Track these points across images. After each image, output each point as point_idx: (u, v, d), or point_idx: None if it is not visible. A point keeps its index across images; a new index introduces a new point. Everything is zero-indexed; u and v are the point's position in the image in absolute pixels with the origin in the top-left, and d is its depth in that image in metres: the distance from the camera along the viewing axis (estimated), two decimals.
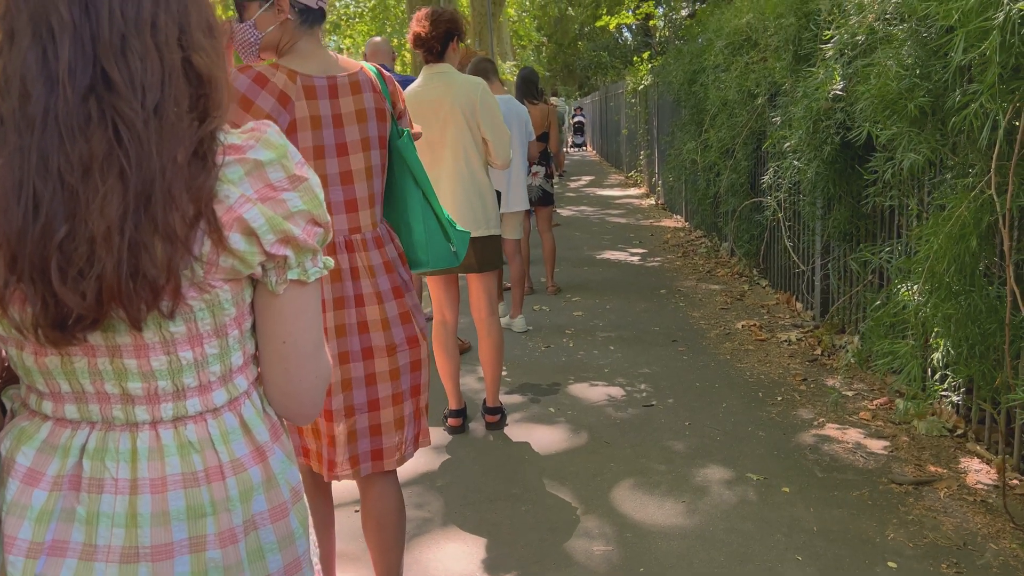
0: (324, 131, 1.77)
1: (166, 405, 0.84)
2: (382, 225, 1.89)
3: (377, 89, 1.83)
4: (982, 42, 2.45)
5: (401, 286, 1.86)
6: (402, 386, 1.88)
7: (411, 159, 1.87)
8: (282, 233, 0.82)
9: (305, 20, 1.75)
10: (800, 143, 3.93)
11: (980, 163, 2.66)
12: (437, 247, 1.93)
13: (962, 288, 2.75)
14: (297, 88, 1.73)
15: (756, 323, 4.91)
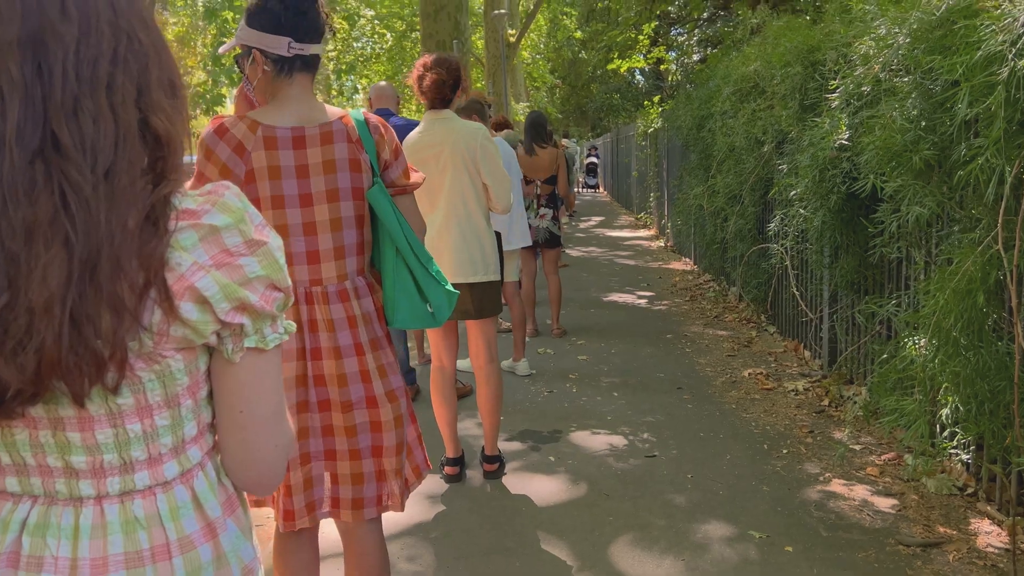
0: (285, 181, 1.75)
1: (112, 479, 0.80)
2: (360, 278, 1.85)
3: (354, 139, 1.80)
4: (987, 97, 2.43)
5: (365, 343, 1.81)
6: (359, 444, 1.84)
7: (382, 211, 1.81)
8: (237, 301, 0.78)
9: (281, 70, 1.75)
10: (806, 191, 3.90)
11: (987, 218, 2.62)
12: (407, 306, 1.86)
13: (970, 344, 2.68)
14: (256, 138, 1.73)
15: (763, 371, 4.84)
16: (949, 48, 2.64)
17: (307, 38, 1.73)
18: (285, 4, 1.71)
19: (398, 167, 1.90)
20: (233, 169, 1.74)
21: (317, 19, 1.73)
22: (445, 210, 3.18)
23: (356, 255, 1.85)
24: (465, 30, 13.48)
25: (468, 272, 3.20)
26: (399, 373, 1.92)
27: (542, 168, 5.77)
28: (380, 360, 1.85)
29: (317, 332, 1.79)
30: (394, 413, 1.87)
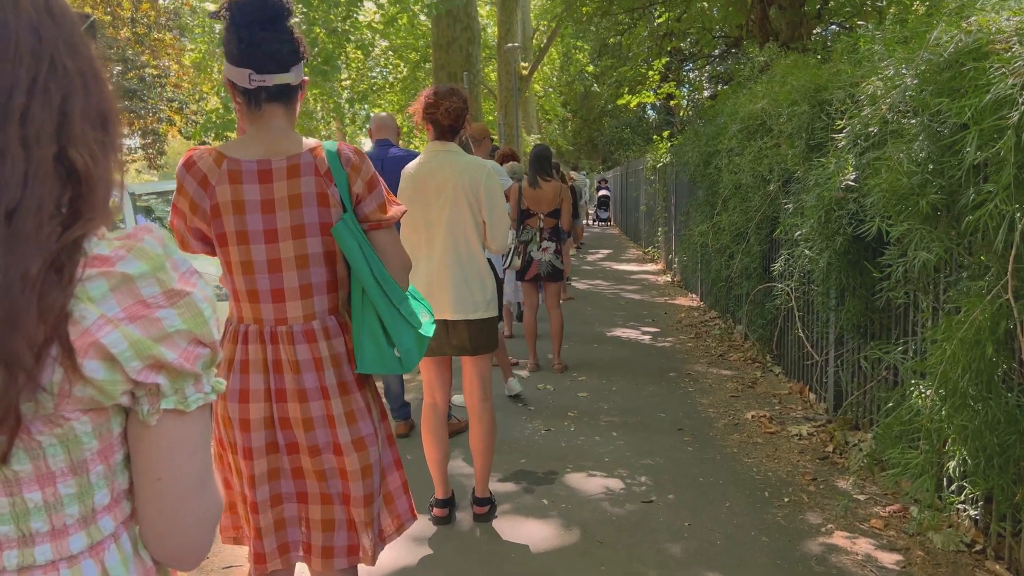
0: (249, 216, 1.69)
1: (9, 553, 0.72)
2: (331, 317, 1.77)
3: (322, 172, 1.73)
4: (997, 141, 2.36)
5: (332, 387, 1.73)
6: (330, 489, 1.75)
7: (346, 248, 1.73)
8: (151, 358, 0.71)
9: (249, 101, 1.71)
10: (812, 232, 3.82)
11: (996, 265, 2.53)
12: (372, 349, 1.76)
13: (979, 395, 2.58)
14: (221, 172, 1.68)
15: (766, 414, 4.72)
16: (958, 90, 2.58)
17: (268, 69, 1.68)
18: (239, 36, 1.66)
19: (372, 201, 1.81)
20: (199, 203, 1.70)
21: (279, 49, 1.67)
22: (446, 245, 3.12)
23: (327, 293, 1.77)
24: (476, 62, 13.58)
25: (469, 309, 3.13)
26: (372, 419, 1.82)
27: (546, 201, 5.72)
28: (349, 405, 1.77)
29: (282, 373, 1.72)
30: (361, 463, 1.77)
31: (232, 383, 1.73)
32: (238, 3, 1.65)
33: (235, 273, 1.73)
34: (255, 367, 1.72)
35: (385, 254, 1.83)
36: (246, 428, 1.72)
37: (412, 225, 3.15)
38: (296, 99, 1.77)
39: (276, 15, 1.66)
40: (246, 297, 1.74)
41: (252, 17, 1.65)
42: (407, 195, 3.15)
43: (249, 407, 1.72)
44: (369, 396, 1.85)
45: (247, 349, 1.73)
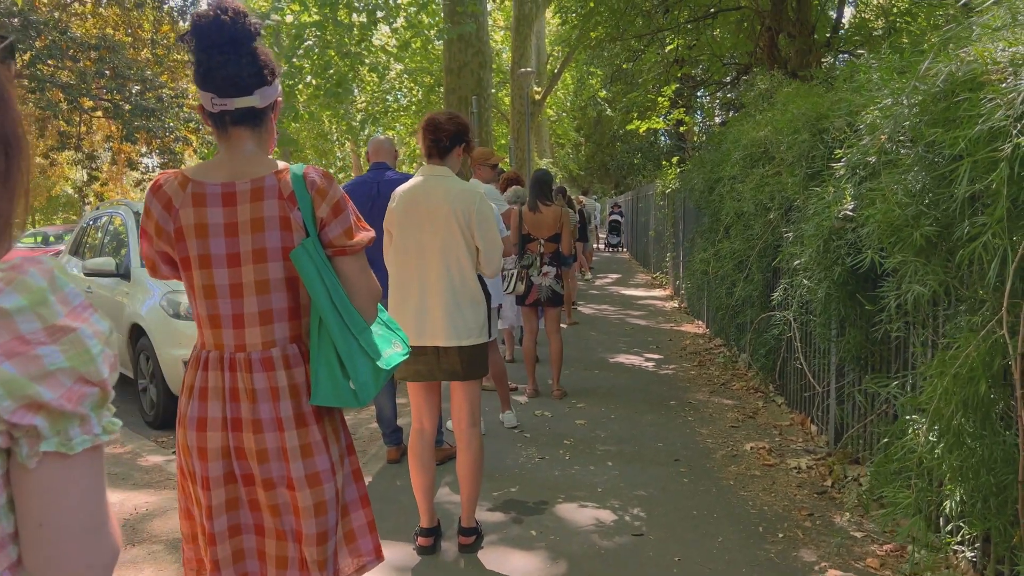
0: (212, 239, 1.67)
1: None
2: (292, 345, 1.73)
3: (285, 196, 1.69)
4: (990, 173, 2.31)
5: (288, 418, 1.68)
6: (284, 525, 1.70)
7: (304, 274, 1.68)
8: (26, 398, 0.67)
9: (216, 125, 1.70)
10: (810, 261, 3.77)
11: (991, 300, 2.47)
12: (327, 380, 1.70)
13: (976, 433, 2.51)
14: (185, 195, 1.67)
15: (766, 445, 4.63)
16: (952, 121, 2.53)
17: (229, 92, 1.66)
18: (199, 60, 1.65)
19: (338, 226, 1.75)
20: (164, 226, 1.68)
21: (239, 73, 1.65)
22: (438, 270, 3.09)
23: (288, 320, 1.73)
24: (487, 86, 13.64)
25: (462, 335, 3.09)
26: (329, 453, 1.76)
27: (546, 226, 5.69)
28: (305, 438, 1.71)
29: (239, 402, 1.68)
30: (315, 499, 1.70)
31: (191, 411, 1.70)
32: (199, 27, 1.63)
33: (198, 297, 1.71)
34: (214, 395, 1.69)
35: (349, 282, 1.77)
36: (204, 457, 1.68)
37: (402, 248, 3.12)
38: (265, 122, 1.74)
39: (236, 38, 1.64)
40: (208, 322, 1.70)
41: (211, 41, 1.63)
42: (396, 217, 3.13)
43: (207, 435, 1.68)
44: (328, 429, 1.78)
45: (207, 376, 1.69)
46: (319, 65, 12.26)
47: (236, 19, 1.66)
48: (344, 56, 12.64)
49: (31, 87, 20.71)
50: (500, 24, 30.11)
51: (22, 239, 6.19)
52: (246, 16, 1.68)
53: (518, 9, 21.01)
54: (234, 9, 1.66)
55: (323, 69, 12.29)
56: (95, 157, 25.60)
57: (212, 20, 1.64)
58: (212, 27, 1.64)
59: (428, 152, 3.22)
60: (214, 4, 1.66)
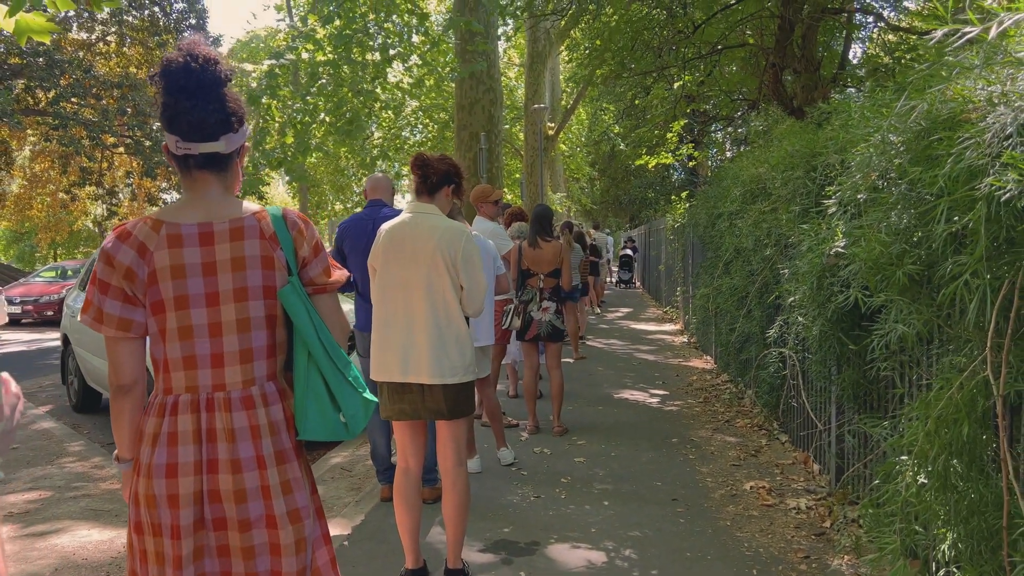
0: (190, 279, 1.67)
1: None
2: (270, 383, 1.74)
3: (267, 236, 1.73)
4: (969, 211, 2.28)
5: (269, 456, 1.68)
6: (258, 567, 1.68)
7: (294, 312, 1.72)
8: None
9: (180, 166, 1.72)
10: (804, 299, 3.73)
11: (976, 339, 2.43)
12: (317, 414, 1.73)
13: (966, 475, 2.45)
14: (159, 238, 1.67)
15: (766, 485, 4.55)
16: (932, 159, 2.52)
17: (194, 137, 1.69)
18: (166, 103, 1.68)
19: (318, 264, 1.82)
20: (137, 272, 1.68)
21: (205, 119, 1.68)
22: (424, 308, 3.09)
23: (266, 358, 1.75)
24: (498, 123, 13.79)
25: (446, 374, 3.08)
26: (306, 490, 1.78)
27: (546, 261, 5.70)
28: (285, 475, 1.72)
29: (215, 443, 1.67)
30: (296, 536, 1.71)
31: (158, 458, 1.67)
32: (168, 70, 1.67)
33: (169, 341, 1.69)
34: (184, 439, 1.67)
35: (328, 318, 1.84)
36: (175, 504, 1.66)
37: (387, 284, 3.14)
38: (230, 166, 1.77)
39: (205, 85, 1.68)
40: (180, 365, 1.69)
41: (179, 86, 1.66)
42: (381, 253, 3.15)
43: (178, 482, 1.66)
44: (303, 467, 1.80)
45: (175, 420, 1.68)
46: (333, 102, 12.45)
47: (206, 66, 1.69)
48: (358, 94, 12.84)
49: (54, 124, 21.22)
50: (515, 61, 30.53)
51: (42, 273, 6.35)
52: (216, 63, 1.71)
53: (532, 47, 21.32)
54: (204, 56, 1.70)
55: (337, 106, 12.48)
56: (115, 192, 26.08)
57: (182, 66, 1.68)
58: (181, 72, 1.67)
59: (417, 189, 3.25)
60: (185, 50, 1.70)
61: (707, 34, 10.43)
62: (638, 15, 10.82)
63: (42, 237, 33.54)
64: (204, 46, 1.70)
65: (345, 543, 3.77)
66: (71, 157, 22.80)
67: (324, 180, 33.47)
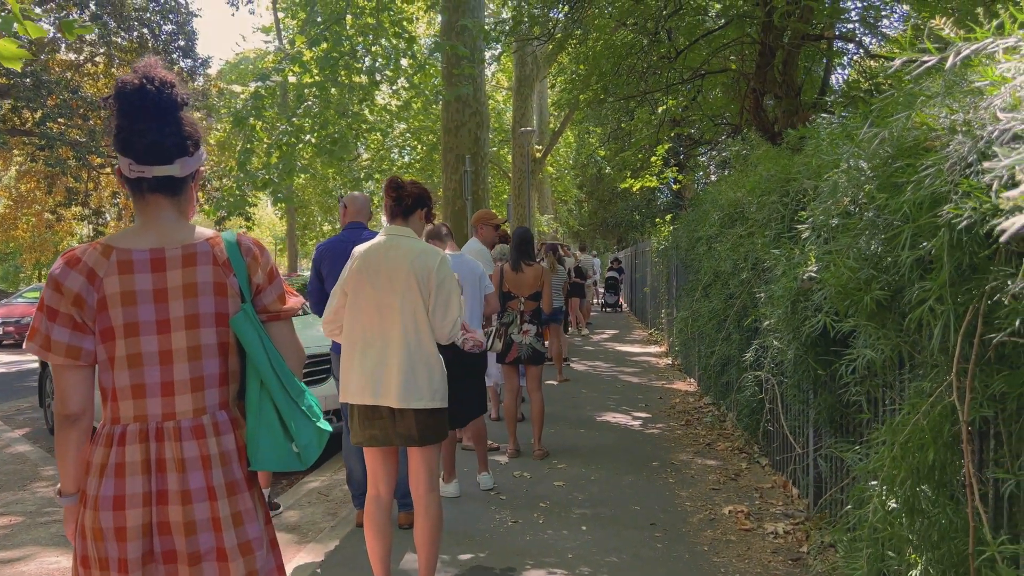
0: (141, 306, 1.65)
1: None
2: (222, 412, 1.72)
3: (220, 262, 1.71)
4: (933, 238, 2.31)
5: (219, 486, 1.66)
6: None
7: (246, 340, 1.70)
8: None
9: (133, 190, 1.71)
10: (779, 322, 3.75)
11: (941, 365, 2.44)
12: (269, 444, 1.70)
13: (937, 500, 2.45)
14: (109, 264, 1.65)
15: (745, 509, 4.54)
16: (898, 186, 2.54)
17: (148, 160, 1.68)
18: (121, 126, 1.67)
19: (272, 291, 1.80)
20: (86, 299, 1.65)
21: (161, 142, 1.67)
22: (395, 331, 3.08)
23: (218, 386, 1.73)
24: (484, 145, 13.85)
25: (413, 398, 3.06)
26: (259, 521, 1.75)
27: (526, 284, 5.70)
28: (236, 506, 1.69)
29: (165, 473, 1.64)
30: (247, 568, 1.68)
31: (105, 490, 1.63)
32: (123, 92, 1.66)
33: (118, 369, 1.67)
34: (132, 469, 1.64)
35: (282, 346, 1.82)
36: (122, 537, 1.62)
37: (361, 306, 3.13)
38: (185, 191, 1.76)
39: (161, 108, 1.67)
40: (129, 393, 1.67)
41: (134, 108, 1.65)
42: (354, 275, 3.14)
43: (126, 514, 1.62)
44: (256, 497, 1.78)
45: (123, 451, 1.65)
46: (318, 124, 12.49)
47: (162, 89, 1.69)
48: (343, 116, 12.89)
49: (41, 144, 21.15)
50: (504, 84, 30.75)
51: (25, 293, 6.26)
52: (173, 86, 1.71)
53: (519, 70, 21.52)
54: (160, 79, 1.69)
55: (321, 127, 12.52)
56: (102, 213, 25.96)
57: (137, 88, 1.67)
58: (136, 95, 1.67)
59: (391, 213, 3.26)
60: (140, 72, 1.69)
61: (690, 59, 10.55)
62: (622, 40, 10.94)
63: (27, 257, 33.32)
64: (160, 68, 1.70)
65: (318, 571, 3.73)
66: (57, 177, 22.73)
67: (312, 201, 33.46)
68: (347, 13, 12.88)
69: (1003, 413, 2.37)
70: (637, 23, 10.11)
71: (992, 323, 2.19)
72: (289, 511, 4.81)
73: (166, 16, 22.19)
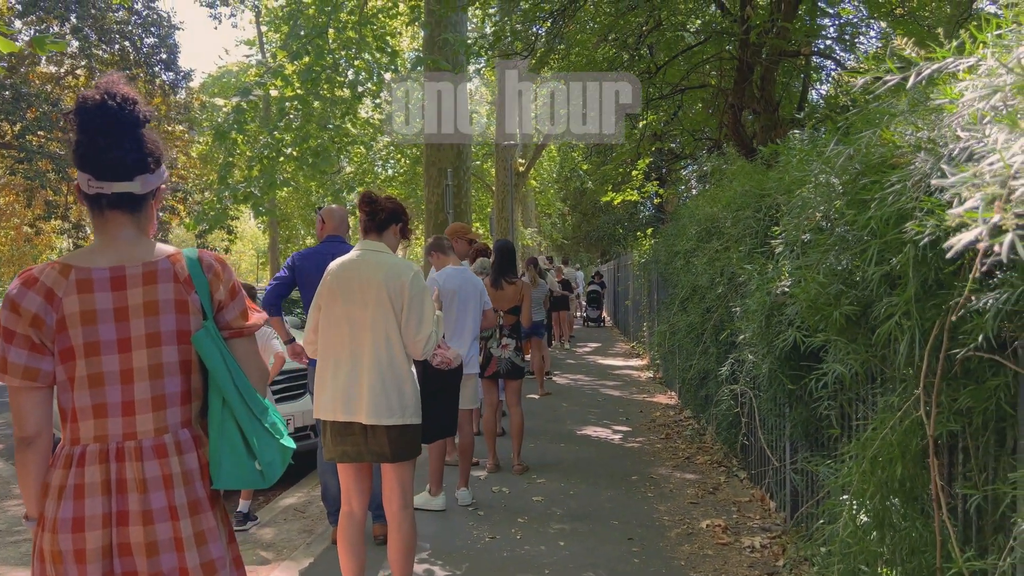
0: (101, 325, 1.63)
1: None
2: (184, 430, 1.70)
3: (182, 279, 1.70)
4: (899, 253, 2.33)
5: (182, 506, 1.64)
6: None
7: (208, 357, 1.69)
8: None
9: (92, 206, 1.69)
10: (754, 336, 3.77)
11: (909, 379, 2.46)
12: (231, 462, 1.69)
13: (907, 514, 2.47)
14: (68, 283, 1.63)
15: (722, 523, 4.54)
16: (865, 203, 2.57)
17: (107, 176, 1.66)
18: (80, 141, 1.66)
19: (234, 308, 1.79)
20: (45, 319, 1.63)
21: (121, 159, 1.66)
22: (367, 347, 3.07)
23: (180, 405, 1.71)
24: (467, 159, 13.89)
25: (384, 414, 3.05)
26: (222, 540, 1.73)
27: (506, 299, 5.70)
28: (200, 525, 1.67)
29: (126, 494, 1.62)
30: None
31: (63, 512, 1.61)
32: (83, 108, 1.65)
33: (77, 389, 1.65)
34: (92, 491, 1.62)
35: (245, 363, 1.80)
36: (82, 559, 1.60)
37: (334, 321, 3.11)
38: (145, 208, 1.74)
39: (122, 124, 1.66)
40: (89, 413, 1.65)
41: (94, 125, 1.64)
42: (327, 290, 3.13)
43: (85, 536, 1.60)
44: (220, 516, 1.76)
45: (83, 472, 1.63)
46: (299, 137, 12.46)
47: (123, 105, 1.67)
48: (324, 128, 12.87)
49: (20, 157, 20.95)
50: (488, 99, 30.85)
51: None
52: (135, 103, 1.70)
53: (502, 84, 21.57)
54: (122, 96, 1.68)
55: (302, 141, 12.49)
56: (82, 226, 25.72)
57: (98, 104, 1.66)
58: (97, 111, 1.65)
59: (365, 227, 3.25)
60: (102, 88, 1.68)
61: (669, 75, 10.63)
62: (604, 55, 11.01)
63: (5, 271, 32.92)
64: (123, 85, 1.69)
65: None
66: (36, 190, 22.51)
67: (295, 214, 33.33)
68: (329, 27, 12.90)
69: (970, 427, 2.39)
70: (618, 38, 10.19)
71: (957, 338, 2.21)
72: (264, 528, 4.76)
73: (148, 29, 22.11)
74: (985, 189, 1.12)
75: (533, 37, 11.77)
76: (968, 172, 1.23)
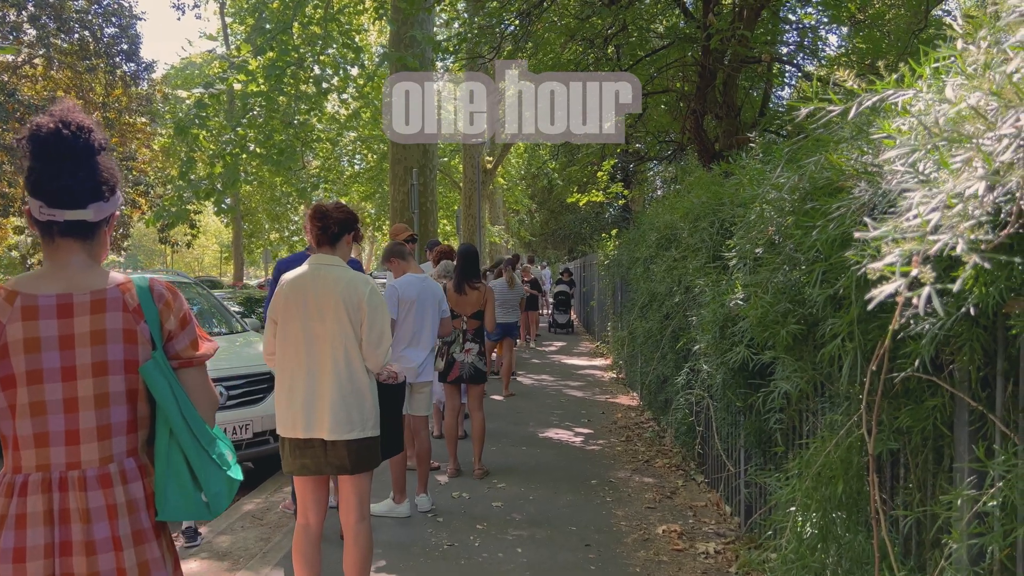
0: (45, 353, 1.62)
1: None
2: (130, 460, 1.70)
3: (131, 308, 1.69)
4: (844, 275, 2.39)
5: (126, 536, 1.63)
6: None
7: (156, 388, 1.68)
8: None
9: (42, 232, 1.68)
10: (709, 347, 3.83)
11: (853, 398, 2.53)
12: (177, 493, 1.68)
13: (851, 528, 2.54)
14: (13, 309, 1.61)
15: (678, 528, 4.61)
16: (810, 225, 2.63)
17: (58, 203, 1.65)
18: (32, 167, 1.64)
19: (185, 337, 1.78)
20: None
21: (73, 186, 1.64)
22: (325, 362, 3.06)
23: (126, 434, 1.70)
24: (433, 156, 13.84)
25: (345, 429, 3.05)
26: (167, 569, 1.73)
27: (469, 304, 5.72)
28: (143, 555, 1.66)
29: (69, 524, 1.61)
30: None
31: (4, 542, 1.59)
32: (37, 135, 1.63)
33: (19, 417, 1.63)
34: (34, 520, 1.60)
35: (194, 393, 1.79)
36: None
37: (291, 337, 3.10)
38: (98, 235, 1.73)
39: (76, 153, 1.64)
40: (31, 442, 1.63)
41: (47, 152, 1.62)
42: (281, 305, 3.12)
43: (26, 567, 1.58)
44: (165, 545, 1.75)
45: (24, 501, 1.61)
46: (263, 134, 12.33)
47: (78, 133, 1.66)
48: (288, 125, 12.74)
49: None
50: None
51: None
52: (91, 131, 1.68)
53: None
54: (77, 124, 1.66)
55: (267, 137, 12.36)
56: None
57: (53, 131, 1.64)
58: (50, 138, 1.64)
59: (317, 241, 3.23)
60: (57, 116, 1.66)
61: None
62: (570, 57, 11.06)
63: None
64: (78, 113, 1.67)
65: None
66: None
67: (259, 209, 32.94)
68: (295, 21, 12.76)
69: (909, 445, 2.47)
70: (585, 38, 10.24)
71: (897, 360, 2.28)
72: (221, 535, 4.73)
73: (108, 19, 21.64)
74: (903, 245, 1.16)
75: (500, 34, 11.78)
76: (888, 226, 1.27)
